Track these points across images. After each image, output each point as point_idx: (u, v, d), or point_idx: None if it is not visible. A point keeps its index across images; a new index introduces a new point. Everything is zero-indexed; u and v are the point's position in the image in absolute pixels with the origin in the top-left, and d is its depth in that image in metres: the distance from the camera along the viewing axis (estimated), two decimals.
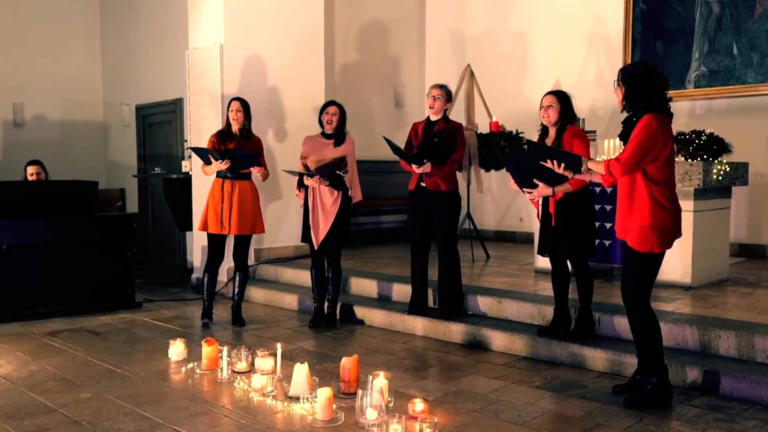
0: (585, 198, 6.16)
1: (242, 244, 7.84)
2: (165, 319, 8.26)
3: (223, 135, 7.75)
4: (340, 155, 7.44)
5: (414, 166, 7.03)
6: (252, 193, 7.73)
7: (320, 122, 7.64)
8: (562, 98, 6.19)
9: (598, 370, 5.96)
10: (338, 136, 7.56)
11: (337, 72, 12.24)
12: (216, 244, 7.78)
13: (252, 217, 7.70)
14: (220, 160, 7.34)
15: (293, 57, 10.23)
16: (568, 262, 6.35)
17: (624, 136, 5.03)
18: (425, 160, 6.98)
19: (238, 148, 7.57)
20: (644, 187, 4.91)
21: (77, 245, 8.57)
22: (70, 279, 8.51)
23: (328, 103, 7.70)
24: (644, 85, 4.95)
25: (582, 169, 5.16)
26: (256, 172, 7.62)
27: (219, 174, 7.63)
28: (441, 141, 7.06)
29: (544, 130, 6.31)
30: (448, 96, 7.25)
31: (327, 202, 7.43)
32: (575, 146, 5.99)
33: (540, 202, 6.32)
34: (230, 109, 7.73)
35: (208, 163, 7.49)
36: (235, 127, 7.72)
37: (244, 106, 7.79)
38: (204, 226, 7.72)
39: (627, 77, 5.03)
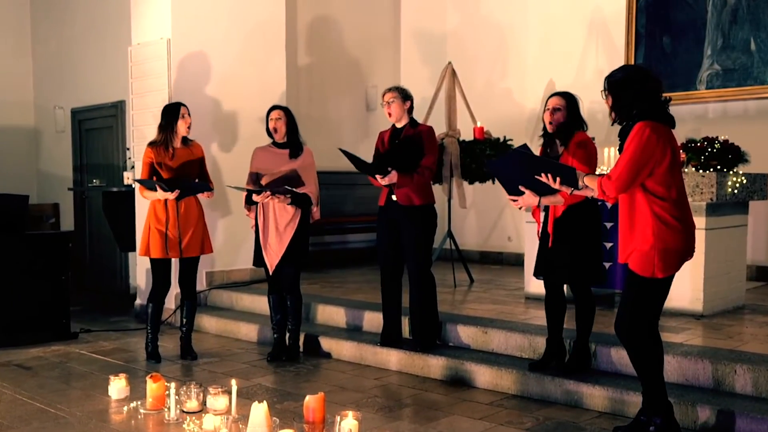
0: (590, 214, 6.10)
1: (190, 267, 7.78)
2: (104, 351, 8.20)
3: (163, 147, 7.54)
4: (297, 167, 7.43)
5: (378, 177, 7.02)
6: (198, 210, 7.66)
7: (268, 131, 7.62)
8: (570, 100, 6.14)
9: (596, 410, 5.96)
10: (293, 145, 7.55)
11: (300, 71, 12.25)
12: (161, 270, 7.69)
13: (200, 236, 7.66)
14: (170, 191, 7.26)
15: (250, 55, 10.22)
16: (567, 287, 6.35)
17: (621, 148, 5.00)
18: (389, 168, 6.96)
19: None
20: (645, 204, 4.88)
21: (4, 268, 8.46)
22: None
23: (271, 108, 7.65)
24: (633, 92, 4.93)
25: (579, 184, 5.12)
26: (205, 197, 7.57)
27: None
28: (403, 144, 7.05)
29: (549, 139, 6.24)
30: (403, 95, 7.19)
31: (282, 220, 7.41)
32: (577, 157, 5.92)
33: (542, 218, 6.28)
34: (181, 115, 7.57)
35: (153, 190, 7.37)
36: (179, 136, 7.58)
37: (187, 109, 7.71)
38: (146, 251, 7.58)
39: (613, 86, 5.03)
